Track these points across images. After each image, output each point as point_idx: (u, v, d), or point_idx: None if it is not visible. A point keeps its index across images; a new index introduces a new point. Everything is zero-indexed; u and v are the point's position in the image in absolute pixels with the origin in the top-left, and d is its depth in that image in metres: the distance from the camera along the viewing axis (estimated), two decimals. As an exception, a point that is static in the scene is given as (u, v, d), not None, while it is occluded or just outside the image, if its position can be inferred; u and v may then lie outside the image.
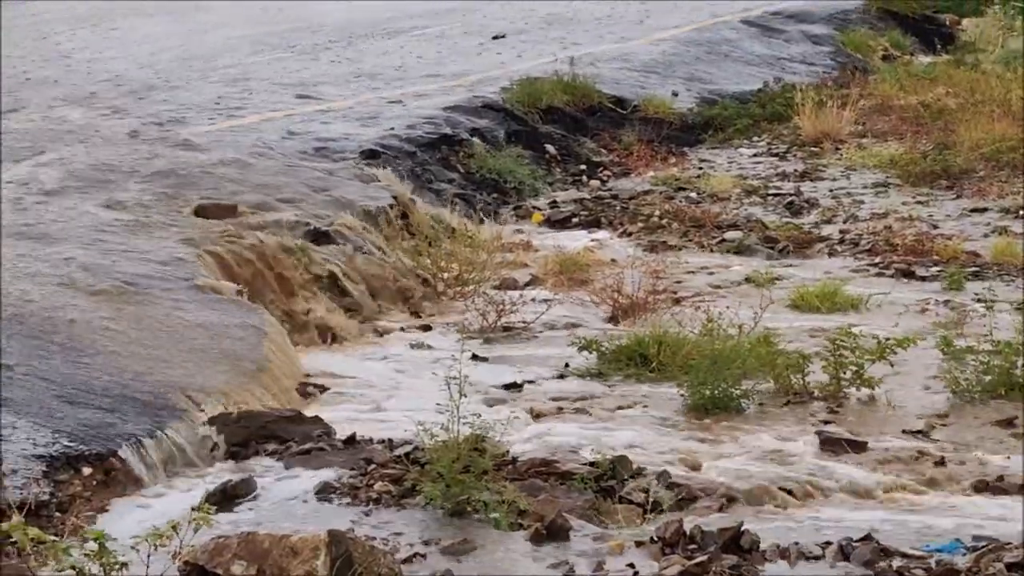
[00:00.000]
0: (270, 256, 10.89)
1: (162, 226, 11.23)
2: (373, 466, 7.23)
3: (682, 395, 8.58)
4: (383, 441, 7.74)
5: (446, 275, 11.79)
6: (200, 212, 11.73)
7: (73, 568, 5.43)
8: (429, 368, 9.39)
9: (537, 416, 8.48)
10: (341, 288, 11.09)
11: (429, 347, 10.19)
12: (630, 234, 13.72)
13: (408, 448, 7.34)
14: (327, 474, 7.17)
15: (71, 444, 7.03)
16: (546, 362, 9.69)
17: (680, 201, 14.82)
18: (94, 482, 6.88)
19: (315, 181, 13.09)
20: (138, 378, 8.02)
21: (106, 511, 6.74)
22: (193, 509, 6.02)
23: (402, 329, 10.81)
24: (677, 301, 11.13)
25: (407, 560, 6.06)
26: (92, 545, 5.44)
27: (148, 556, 5.45)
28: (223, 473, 7.30)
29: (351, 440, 7.76)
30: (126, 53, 20.88)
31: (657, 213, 14.18)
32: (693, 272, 12.27)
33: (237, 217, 11.71)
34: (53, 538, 5.62)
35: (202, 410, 7.84)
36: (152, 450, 7.27)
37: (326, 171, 13.56)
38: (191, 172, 12.80)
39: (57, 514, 6.52)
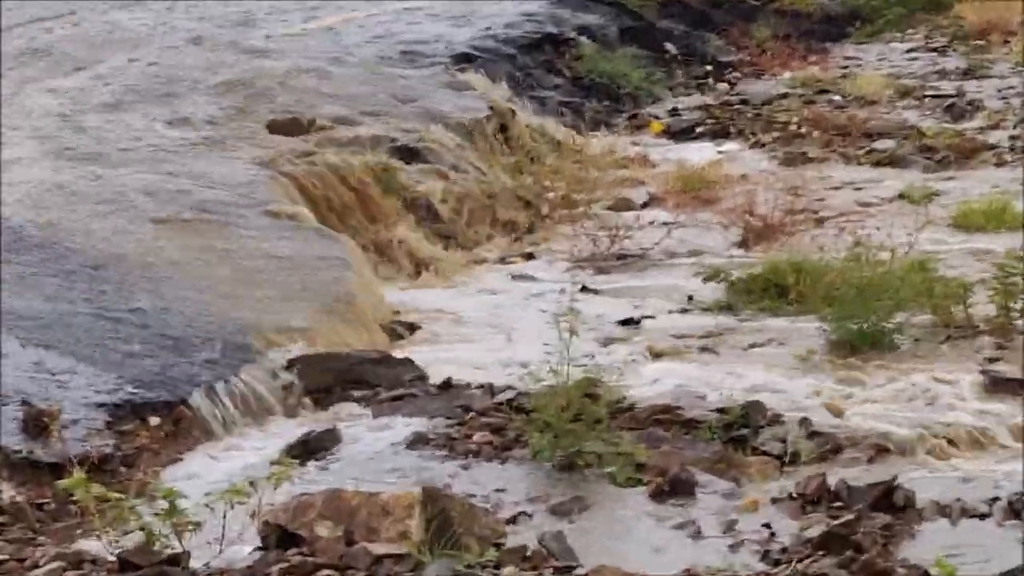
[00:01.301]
0: (352, 177, 10.95)
1: (231, 145, 11.35)
2: (472, 414, 7.28)
3: (825, 330, 8.51)
4: (483, 386, 7.78)
5: (551, 196, 11.76)
6: (273, 128, 11.82)
7: (142, 529, 5.56)
8: (534, 303, 9.42)
9: (657, 356, 8.46)
10: (433, 212, 11.13)
11: (533, 278, 10.22)
12: (764, 145, 13.62)
13: (511, 394, 7.38)
14: (420, 423, 7.24)
15: (136, 391, 7.17)
16: (667, 294, 9.67)
17: (822, 106, 14.65)
18: (162, 433, 7.02)
19: (402, 91, 13.12)
20: (208, 317, 8.15)
21: (176, 465, 6.88)
22: (272, 463, 6.14)
23: (502, 259, 10.84)
24: (819, 222, 11.03)
25: (511, 520, 6.10)
26: (162, 503, 5.56)
27: (224, 516, 5.55)
28: (304, 423, 7.41)
29: (447, 385, 7.82)
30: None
31: (795, 120, 14.04)
32: (837, 188, 12.14)
33: (315, 133, 11.78)
34: (118, 496, 5.74)
35: (279, 352, 7.94)
36: (225, 397, 7.40)
37: (414, 79, 13.57)
38: (263, 83, 12.89)
39: (122, 469, 6.67)
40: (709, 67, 16.54)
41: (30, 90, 12.59)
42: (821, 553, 5.56)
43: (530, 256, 10.87)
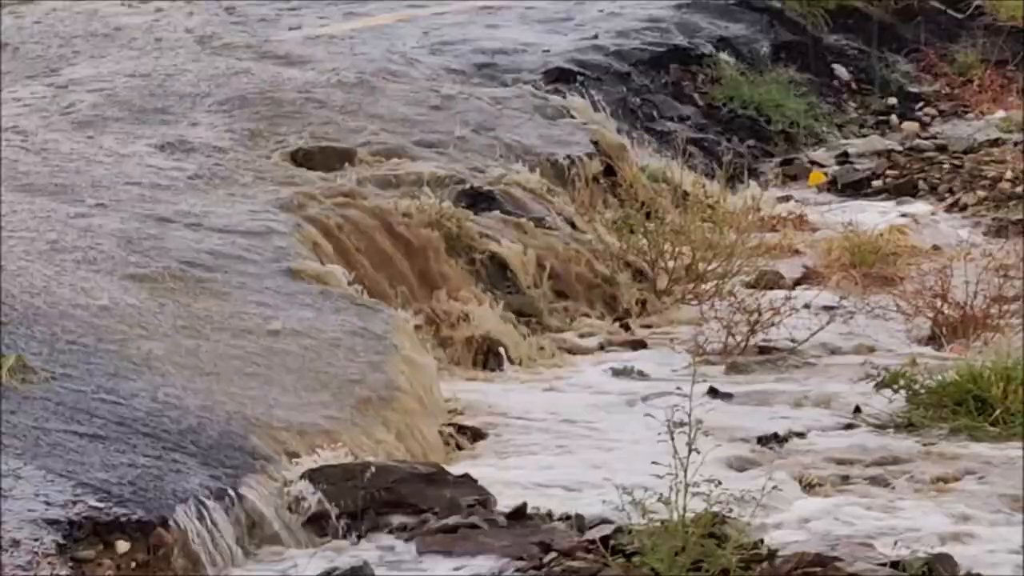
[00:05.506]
0: (404, 229, 10.98)
1: (243, 180, 11.42)
2: (553, 555, 7.26)
3: (1043, 462, 8.46)
4: (568, 517, 7.78)
5: (672, 264, 11.78)
6: (300, 160, 11.90)
7: None
8: (641, 407, 9.38)
9: (809, 487, 8.44)
10: (510, 280, 11.14)
11: (642, 374, 10.22)
12: (965, 207, 13.66)
13: (607, 529, 7.34)
14: (483, 565, 7.23)
15: (100, 505, 7.18)
16: (825, 404, 9.68)
17: (1046, 158, 14.61)
18: (133, 563, 7.02)
19: (475, 115, 13.17)
20: (202, 410, 8.17)
21: (149, 608, 6.89)
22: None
23: (602, 347, 10.89)
24: (1037, 314, 10.98)
25: None
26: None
27: None
28: (325, 557, 7.40)
29: (519, 513, 7.81)
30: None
31: (1009, 175, 14.00)
32: (1064, 268, 12.08)
33: (355, 168, 11.85)
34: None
35: (295, 460, 7.96)
36: (220, 518, 7.41)
37: (492, 100, 13.63)
38: (288, 98, 12.99)
39: (77, 610, 6.68)
40: (893, 100, 16.53)
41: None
42: None
43: (640, 344, 10.87)
